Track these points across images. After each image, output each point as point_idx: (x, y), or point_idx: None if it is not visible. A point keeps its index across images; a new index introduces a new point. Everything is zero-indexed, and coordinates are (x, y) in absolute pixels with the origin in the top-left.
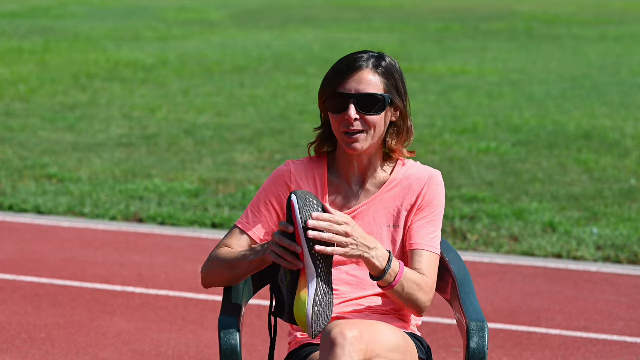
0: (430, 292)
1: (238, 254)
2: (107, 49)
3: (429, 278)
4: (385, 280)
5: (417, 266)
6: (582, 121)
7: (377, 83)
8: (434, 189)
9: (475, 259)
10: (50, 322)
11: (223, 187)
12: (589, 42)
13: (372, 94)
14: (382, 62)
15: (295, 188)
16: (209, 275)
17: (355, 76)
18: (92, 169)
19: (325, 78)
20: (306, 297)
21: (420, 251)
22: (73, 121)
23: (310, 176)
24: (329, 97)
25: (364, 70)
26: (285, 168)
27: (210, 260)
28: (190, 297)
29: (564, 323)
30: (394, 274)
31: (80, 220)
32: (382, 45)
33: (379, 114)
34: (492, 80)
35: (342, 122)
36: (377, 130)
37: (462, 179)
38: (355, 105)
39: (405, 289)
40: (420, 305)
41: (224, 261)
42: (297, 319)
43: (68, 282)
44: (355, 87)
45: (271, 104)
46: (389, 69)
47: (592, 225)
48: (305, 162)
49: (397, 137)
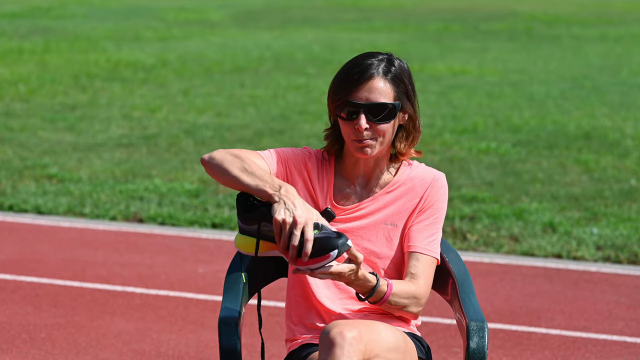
0: (421, 304)
1: (255, 170)
2: (107, 49)
3: (423, 282)
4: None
5: (412, 270)
6: (582, 121)
7: (388, 91)
8: (436, 192)
9: (475, 259)
10: (50, 322)
11: (223, 188)
12: (589, 42)
13: (382, 103)
14: (391, 67)
15: (308, 173)
16: (217, 166)
17: (367, 85)
18: (92, 169)
19: (336, 81)
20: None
21: (417, 254)
22: (73, 121)
23: (321, 170)
24: (339, 103)
25: (374, 78)
26: (309, 153)
27: (229, 152)
28: (190, 297)
29: (563, 323)
30: (382, 293)
31: (80, 220)
32: (382, 45)
33: (389, 122)
34: (492, 80)
35: (353, 130)
36: (386, 137)
37: (462, 179)
38: (366, 115)
39: (395, 303)
40: (412, 313)
41: (242, 163)
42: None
43: (68, 282)
44: (367, 96)
45: (271, 104)
46: (398, 74)
47: (592, 225)
48: (320, 156)
49: (405, 140)
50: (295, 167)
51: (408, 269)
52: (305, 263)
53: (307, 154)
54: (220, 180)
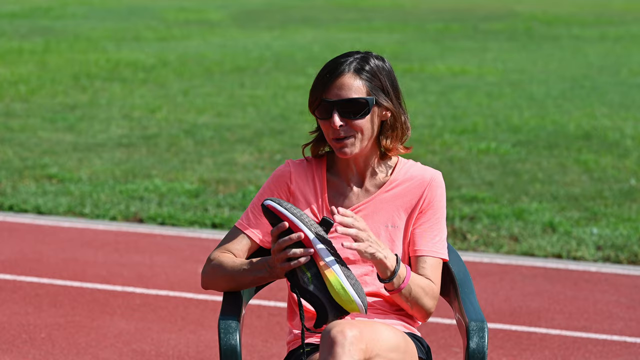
0: (435, 297)
1: (240, 266)
2: (107, 49)
3: (434, 283)
4: (393, 282)
5: (421, 272)
6: (582, 121)
7: (359, 87)
8: (434, 191)
9: (475, 259)
10: (50, 322)
11: (223, 187)
12: (589, 43)
13: (353, 98)
14: (365, 64)
15: (295, 188)
16: (210, 282)
17: (337, 82)
18: (92, 169)
19: (313, 83)
20: (336, 277)
21: (424, 257)
22: (73, 121)
23: (310, 176)
24: (314, 103)
25: (344, 75)
26: (285, 168)
27: (211, 266)
28: (190, 297)
29: (563, 323)
30: (402, 277)
31: (81, 220)
32: (382, 45)
33: (364, 117)
34: (492, 81)
35: (330, 129)
36: (365, 134)
37: (462, 179)
38: (338, 112)
39: (412, 293)
40: (426, 309)
41: (226, 272)
42: (342, 301)
43: (68, 282)
44: (337, 92)
45: (271, 104)
46: (372, 71)
47: (592, 225)
48: (305, 162)
49: (391, 136)
50: (282, 194)
51: (416, 272)
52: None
53: (286, 173)
54: (228, 291)
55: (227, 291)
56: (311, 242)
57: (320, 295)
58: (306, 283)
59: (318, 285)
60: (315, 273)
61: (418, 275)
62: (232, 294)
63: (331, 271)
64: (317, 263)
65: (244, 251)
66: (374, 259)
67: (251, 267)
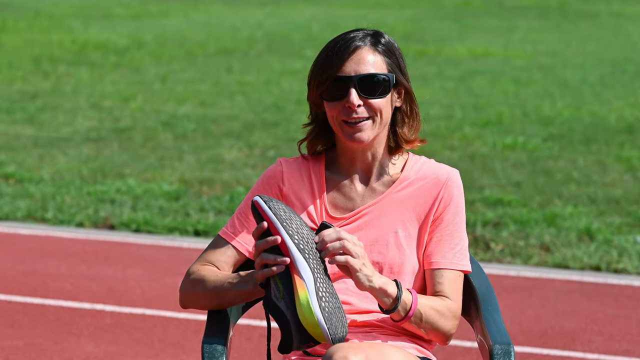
0: (456, 316)
1: (224, 280)
2: (72, 28)
3: (453, 301)
4: (399, 310)
5: (438, 288)
6: (624, 112)
7: (379, 62)
8: (451, 193)
9: (500, 271)
10: (6, 345)
11: (207, 189)
12: (632, 20)
13: (375, 74)
14: (380, 38)
15: (288, 190)
16: (189, 299)
17: (354, 56)
18: (56, 168)
19: (316, 63)
20: (306, 295)
21: (440, 271)
22: (33, 112)
23: (305, 175)
24: (323, 83)
25: (362, 49)
26: (277, 167)
27: (190, 280)
28: (170, 315)
29: (602, 346)
30: (409, 302)
31: (42, 227)
32: (391, 24)
33: (384, 96)
34: (520, 65)
35: (343, 110)
36: (383, 117)
37: (485, 179)
38: (357, 89)
39: (424, 318)
40: (444, 333)
41: (207, 287)
42: (307, 324)
43: (28, 298)
44: (355, 68)
45: (263, 92)
46: (389, 46)
47: (636, 232)
48: (300, 160)
49: (407, 124)
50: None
51: (433, 288)
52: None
53: (277, 174)
54: (210, 309)
55: (210, 309)
56: (288, 249)
57: (288, 313)
58: (277, 297)
59: (288, 302)
60: (288, 287)
61: (428, 296)
62: (218, 312)
63: (303, 286)
64: (292, 275)
65: (229, 264)
66: (371, 285)
67: (236, 281)
